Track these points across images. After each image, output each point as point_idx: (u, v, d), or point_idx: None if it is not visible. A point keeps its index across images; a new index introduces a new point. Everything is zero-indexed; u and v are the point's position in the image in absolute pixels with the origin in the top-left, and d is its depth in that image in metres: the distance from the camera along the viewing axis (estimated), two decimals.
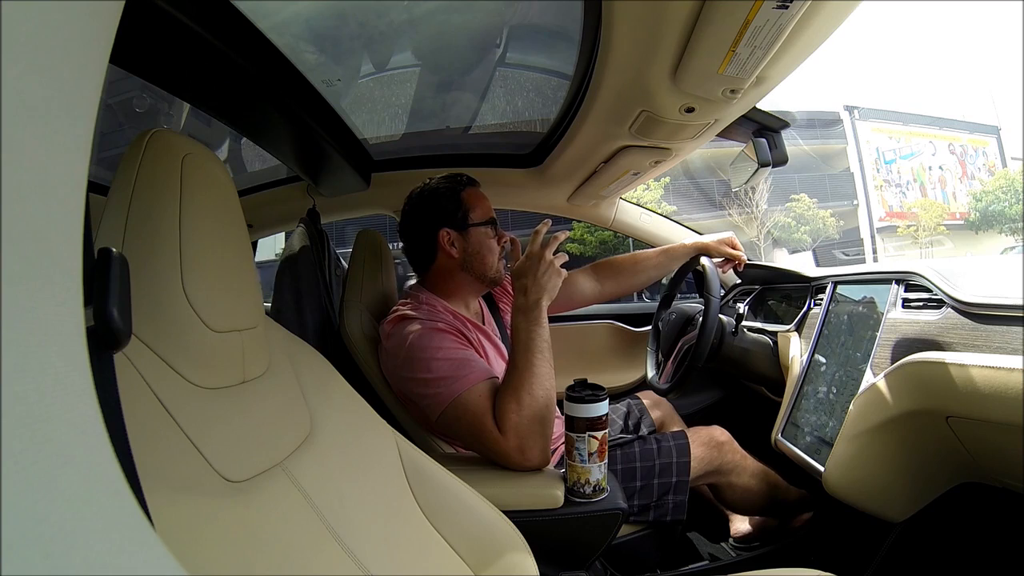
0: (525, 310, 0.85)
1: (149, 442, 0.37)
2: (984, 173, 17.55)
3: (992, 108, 19.25)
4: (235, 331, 0.47)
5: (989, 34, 32.10)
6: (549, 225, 0.92)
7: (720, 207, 14.59)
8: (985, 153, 18.21)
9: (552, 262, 0.86)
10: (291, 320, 1.12)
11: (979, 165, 17.99)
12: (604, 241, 11.42)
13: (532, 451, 0.82)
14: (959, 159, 17.88)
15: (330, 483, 0.53)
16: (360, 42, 0.97)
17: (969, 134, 18.21)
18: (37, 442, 0.17)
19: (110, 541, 0.19)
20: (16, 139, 0.18)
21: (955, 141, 17.98)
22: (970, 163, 17.96)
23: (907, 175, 17.23)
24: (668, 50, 0.67)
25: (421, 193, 1.04)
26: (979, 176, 17.47)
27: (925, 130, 17.80)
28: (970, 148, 18.10)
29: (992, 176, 17.03)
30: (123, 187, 0.42)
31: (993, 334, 0.67)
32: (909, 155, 17.32)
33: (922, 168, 17.38)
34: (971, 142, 18.17)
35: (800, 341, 1.11)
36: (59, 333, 0.19)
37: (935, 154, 17.68)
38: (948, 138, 17.96)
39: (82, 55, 0.21)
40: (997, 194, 16.05)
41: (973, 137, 18.24)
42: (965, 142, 18.06)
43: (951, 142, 17.93)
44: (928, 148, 17.61)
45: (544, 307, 0.86)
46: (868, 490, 0.84)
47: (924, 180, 17.30)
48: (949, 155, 17.80)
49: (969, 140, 18.16)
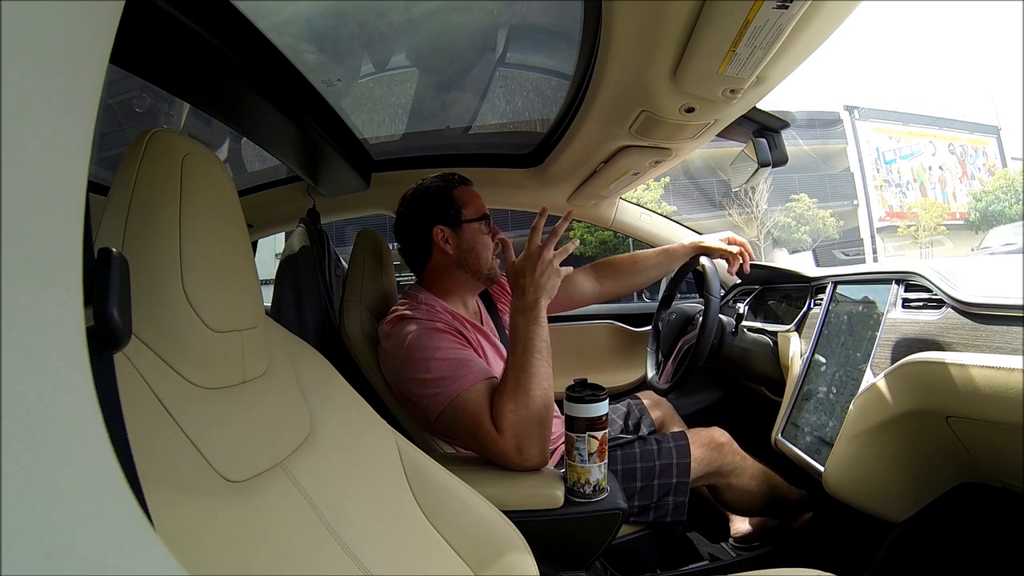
0: (524, 310, 0.85)
1: (149, 442, 0.37)
2: (984, 173, 17.49)
3: (992, 108, 19.15)
4: (235, 331, 0.47)
5: (989, 33, 31.94)
6: (547, 215, 0.91)
7: (720, 207, 14.58)
8: (985, 153, 18.11)
9: (551, 261, 0.85)
10: (291, 320, 1.12)
11: (979, 165, 17.90)
12: (604, 241, 11.41)
13: (530, 451, 0.82)
14: (959, 159, 17.79)
15: (330, 483, 0.53)
16: (360, 42, 0.97)
17: (969, 134, 18.11)
18: (37, 442, 0.17)
19: (110, 541, 0.19)
20: (16, 139, 0.18)
21: (955, 141, 17.89)
22: (970, 163, 17.87)
23: (907, 175, 17.15)
24: (668, 50, 0.67)
25: (415, 193, 1.06)
26: (979, 176, 17.40)
27: (925, 130, 17.71)
28: (970, 148, 18.00)
29: (992, 176, 16.97)
30: (123, 187, 0.42)
31: (993, 334, 0.67)
32: (909, 155, 17.24)
33: (922, 168, 17.29)
34: (971, 142, 18.07)
35: (800, 341, 1.11)
36: (59, 333, 0.19)
37: (935, 154, 17.59)
38: (948, 138, 17.86)
39: (82, 55, 0.21)
40: (997, 194, 15.95)
41: (973, 137, 18.14)
42: (965, 142, 17.97)
43: (951, 142, 17.84)
44: (928, 148, 17.53)
45: (543, 307, 0.85)
46: (868, 490, 0.84)
47: (924, 180, 17.21)
48: (949, 155, 17.71)
49: (969, 140, 18.05)
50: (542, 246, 0.86)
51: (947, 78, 26.10)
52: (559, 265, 0.86)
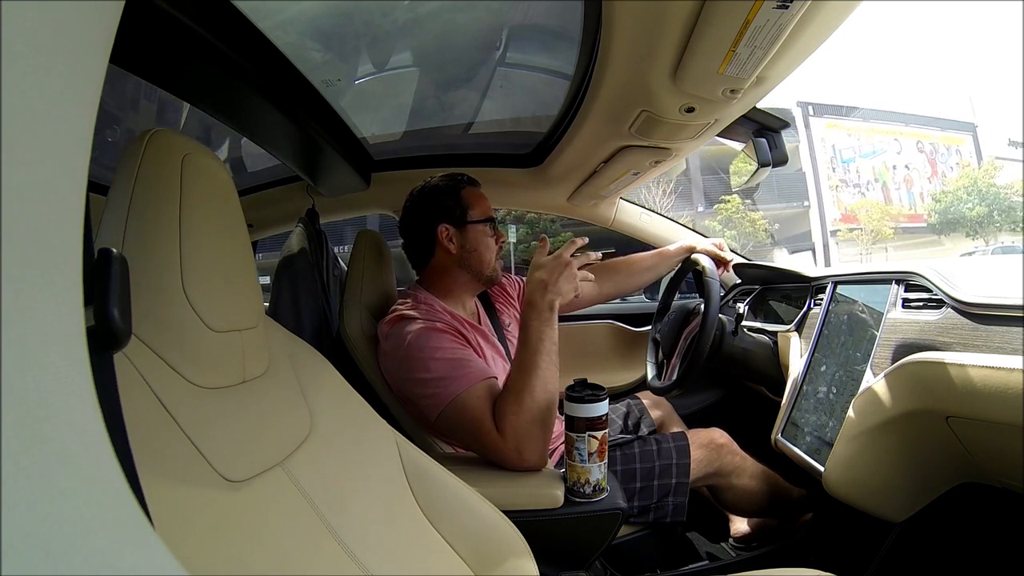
0: (539, 309, 0.85)
1: (149, 442, 0.37)
2: (956, 173, 16.40)
3: (969, 104, 17.97)
4: (235, 331, 0.47)
5: (967, 29, 30.94)
6: (586, 242, 0.90)
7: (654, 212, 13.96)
8: (959, 152, 16.93)
9: (570, 264, 0.86)
10: (288, 321, 1.12)
11: (952, 164, 16.71)
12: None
13: (530, 452, 0.82)
14: (929, 158, 16.67)
15: (330, 483, 0.53)
16: (365, 41, 0.97)
17: (941, 131, 16.94)
18: (37, 442, 0.17)
19: (110, 541, 0.19)
20: (16, 139, 0.18)
21: (925, 139, 16.73)
22: (941, 162, 16.71)
23: (868, 175, 15.99)
24: (668, 50, 0.67)
25: (422, 190, 1.06)
26: (951, 176, 16.34)
27: (889, 127, 16.52)
28: (942, 146, 16.84)
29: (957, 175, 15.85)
30: (123, 187, 0.42)
31: (993, 334, 0.67)
32: (870, 153, 16.11)
33: (885, 167, 16.16)
34: (943, 140, 16.90)
35: (800, 341, 1.11)
36: (59, 333, 0.19)
37: (900, 152, 16.44)
38: (917, 135, 16.66)
39: (82, 55, 0.21)
40: (959, 194, 14.90)
41: (946, 134, 16.97)
42: (936, 140, 16.81)
43: (920, 139, 16.66)
44: (893, 146, 16.41)
45: (556, 309, 0.86)
46: (868, 490, 0.84)
47: (887, 180, 16.12)
48: (917, 153, 16.55)
49: (941, 138, 16.89)
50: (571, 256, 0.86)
51: (921, 74, 24.76)
52: (577, 269, 0.86)
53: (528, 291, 0.87)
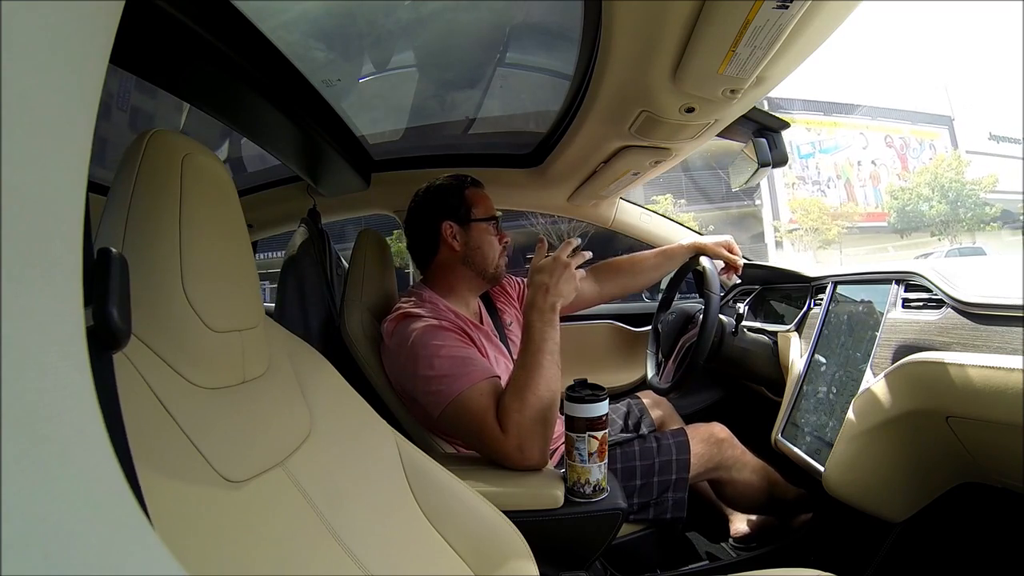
0: (542, 310, 0.87)
1: (149, 442, 0.37)
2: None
3: (945, 97, 16.57)
4: (235, 331, 0.47)
5: (943, 22, 29.03)
6: (581, 243, 0.94)
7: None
8: (933, 146, 15.88)
9: (569, 265, 0.88)
10: (295, 320, 1.13)
11: (924, 159, 15.56)
12: None
13: (532, 451, 0.82)
14: (898, 152, 15.72)
15: (330, 483, 0.53)
16: (368, 40, 0.97)
17: (912, 125, 15.87)
18: (37, 442, 0.17)
19: (110, 541, 0.19)
20: (16, 139, 0.18)
21: (894, 133, 15.74)
22: (912, 157, 15.68)
23: (829, 171, 15.00)
24: (668, 50, 0.67)
25: (427, 189, 1.08)
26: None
27: (854, 120, 15.47)
28: (913, 140, 15.80)
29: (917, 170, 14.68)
30: (123, 187, 0.42)
31: (993, 334, 0.67)
32: (832, 149, 15.23)
33: (848, 163, 15.20)
34: (915, 134, 15.86)
35: (800, 341, 1.11)
36: (59, 333, 0.19)
37: (867, 147, 15.47)
38: (885, 129, 15.68)
39: (82, 55, 0.21)
40: (919, 191, 13.86)
41: (918, 128, 15.92)
42: (907, 134, 15.79)
43: (888, 134, 15.69)
44: (858, 141, 15.44)
45: (558, 310, 0.88)
46: (868, 490, 0.84)
47: (851, 176, 15.14)
48: (886, 148, 15.60)
49: (913, 132, 15.85)
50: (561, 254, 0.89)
51: (892, 62, 22.31)
52: (576, 269, 0.89)
53: (530, 294, 0.89)
